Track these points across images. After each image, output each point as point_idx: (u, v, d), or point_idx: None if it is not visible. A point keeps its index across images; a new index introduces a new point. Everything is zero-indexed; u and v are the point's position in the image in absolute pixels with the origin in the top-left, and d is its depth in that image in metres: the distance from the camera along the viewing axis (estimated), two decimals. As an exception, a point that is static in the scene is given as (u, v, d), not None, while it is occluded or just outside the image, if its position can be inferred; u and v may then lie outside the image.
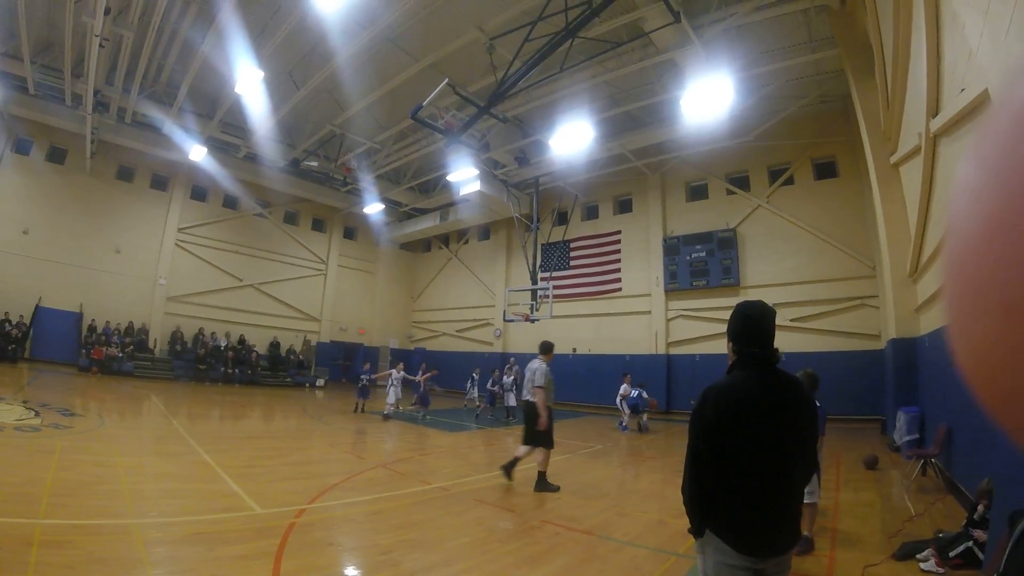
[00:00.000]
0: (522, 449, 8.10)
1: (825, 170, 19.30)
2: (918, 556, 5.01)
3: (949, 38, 6.50)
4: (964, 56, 5.79)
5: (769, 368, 2.43)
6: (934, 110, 7.58)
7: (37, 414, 10.21)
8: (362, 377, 17.11)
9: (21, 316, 20.48)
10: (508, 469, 8.01)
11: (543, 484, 7.85)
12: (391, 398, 15.94)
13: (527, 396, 8.08)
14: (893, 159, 11.52)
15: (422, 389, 17.28)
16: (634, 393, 16.29)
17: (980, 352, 0.46)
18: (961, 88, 6.10)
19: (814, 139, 19.11)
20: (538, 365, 8.08)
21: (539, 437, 7.91)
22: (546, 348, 8.35)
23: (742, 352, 2.47)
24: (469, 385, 19.67)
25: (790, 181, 19.89)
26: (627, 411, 16.29)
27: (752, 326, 2.48)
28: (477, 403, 18.94)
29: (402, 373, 16.51)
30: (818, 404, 2.92)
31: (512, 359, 23.59)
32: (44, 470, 6.42)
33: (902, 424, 11.04)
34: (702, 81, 13.84)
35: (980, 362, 0.47)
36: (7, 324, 20.05)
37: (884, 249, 12.71)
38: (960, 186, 0.49)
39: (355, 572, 4.60)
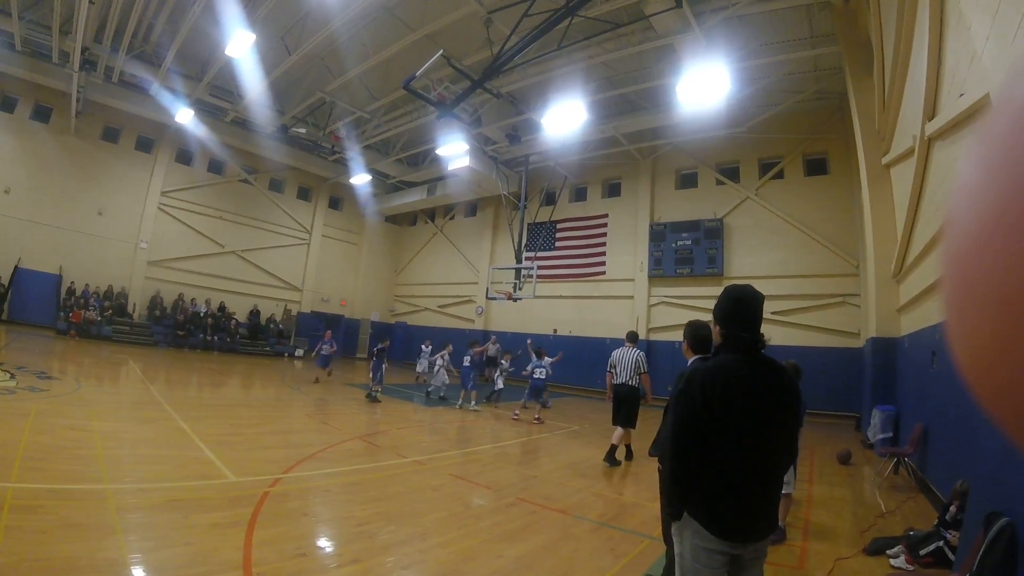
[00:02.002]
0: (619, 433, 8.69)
1: (816, 166, 19.33)
2: (889, 552, 5.09)
3: (952, 40, 6.47)
4: (966, 60, 5.77)
5: (755, 352, 2.41)
6: (931, 113, 7.57)
7: (12, 376, 10.05)
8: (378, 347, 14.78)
9: None
10: (611, 457, 8.57)
11: (611, 458, 8.55)
12: (443, 378, 15.29)
13: (625, 380, 8.67)
14: (885, 160, 11.57)
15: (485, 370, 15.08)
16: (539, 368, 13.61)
17: (977, 347, 0.45)
18: (960, 92, 6.09)
19: (807, 135, 19.12)
20: (637, 353, 8.80)
21: (633, 418, 8.68)
22: (634, 337, 9.11)
23: (729, 335, 2.44)
24: (419, 359, 18.81)
25: (780, 175, 19.92)
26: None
27: (742, 309, 2.45)
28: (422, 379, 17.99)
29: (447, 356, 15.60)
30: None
31: (493, 336, 23.55)
32: (18, 433, 6.31)
33: (877, 422, 11.19)
34: (699, 69, 13.73)
35: (977, 357, 0.46)
36: (-15, 284, 19.63)
37: (870, 248, 12.78)
38: (961, 181, 0.47)
39: (329, 543, 4.58)
